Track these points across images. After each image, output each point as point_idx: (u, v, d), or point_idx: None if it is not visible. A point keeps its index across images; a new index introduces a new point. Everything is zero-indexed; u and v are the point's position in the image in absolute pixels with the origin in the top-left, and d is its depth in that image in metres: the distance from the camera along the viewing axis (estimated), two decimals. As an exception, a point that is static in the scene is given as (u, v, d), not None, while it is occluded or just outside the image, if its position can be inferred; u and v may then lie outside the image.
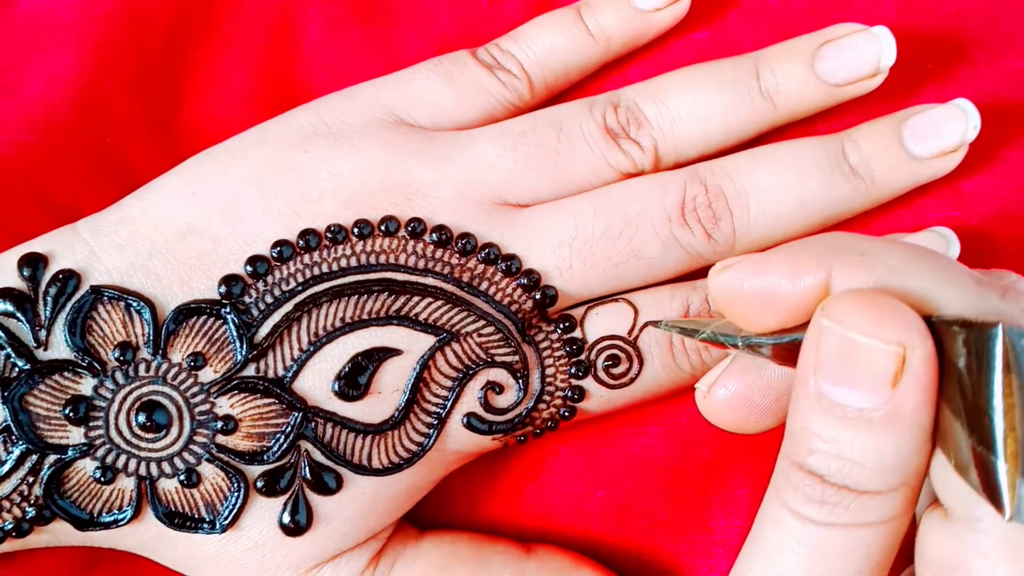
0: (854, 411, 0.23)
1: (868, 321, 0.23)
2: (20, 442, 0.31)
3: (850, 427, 0.24)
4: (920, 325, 0.23)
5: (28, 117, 0.38)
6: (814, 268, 0.25)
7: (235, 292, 0.32)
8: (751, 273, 0.26)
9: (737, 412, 0.30)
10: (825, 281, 0.25)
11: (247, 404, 0.32)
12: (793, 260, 0.26)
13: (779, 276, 0.26)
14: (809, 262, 0.25)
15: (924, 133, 0.35)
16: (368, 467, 0.32)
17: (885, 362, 0.23)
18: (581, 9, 0.38)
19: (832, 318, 0.24)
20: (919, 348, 0.23)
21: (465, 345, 0.33)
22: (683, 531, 0.38)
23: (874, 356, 0.23)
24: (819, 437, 0.24)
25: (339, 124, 0.35)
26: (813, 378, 0.24)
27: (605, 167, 0.35)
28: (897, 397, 0.23)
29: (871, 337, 0.23)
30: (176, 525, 0.32)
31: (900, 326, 0.23)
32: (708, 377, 0.31)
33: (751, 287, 0.26)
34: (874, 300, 0.23)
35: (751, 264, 0.26)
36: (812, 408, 0.24)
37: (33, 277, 0.32)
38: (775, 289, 0.26)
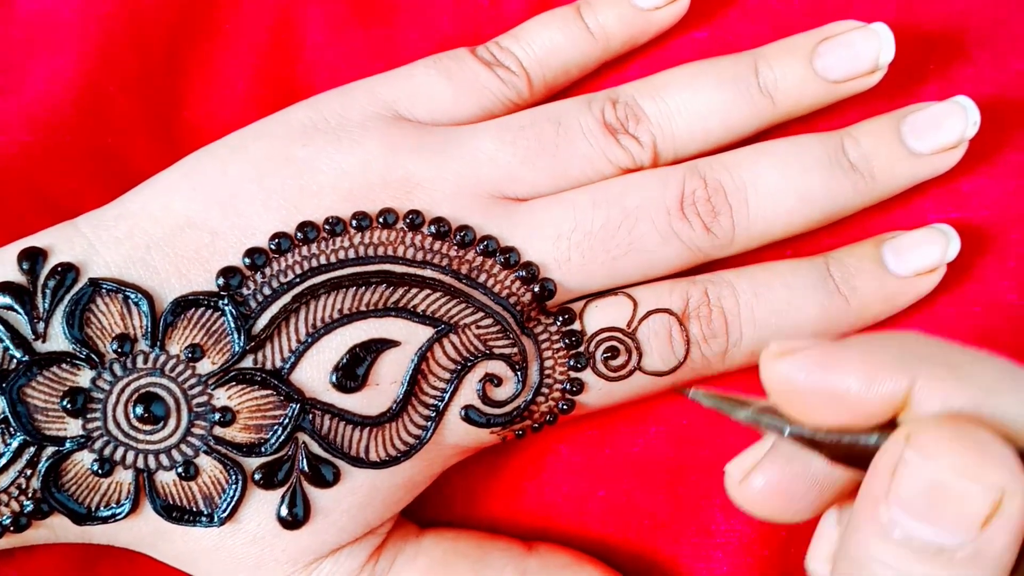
0: (934, 547, 0.22)
1: (965, 461, 0.21)
2: (18, 434, 0.30)
3: (926, 562, 0.22)
4: (1016, 465, 0.21)
5: (29, 117, 0.38)
6: (895, 374, 0.23)
7: (233, 284, 0.32)
8: (817, 369, 0.24)
9: (775, 504, 0.28)
10: (907, 389, 0.23)
11: (245, 396, 0.32)
12: (870, 361, 0.23)
13: (851, 377, 0.23)
14: (889, 366, 0.23)
15: (923, 129, 0.35)
16: (366, 460, 0.32)
17: (979, 506, 0.21)
18: (581, 8, 0.38)
19: (923, 453, 0.22)
20: (1018, 494, 0.21)
21: (463, 337, 0.33)
22: (683, 533, 0.37)
23: (967, 499, 0.21)
24: (888, 567, 0.22)
25: (338, 119, 0.35)
26: (885, 505, 0.22)
27: (604, 162, 0.35)
28: (985, 538, 0.21)
29: (968, 479, 0.21)
30: (174, 519, 0.32)
31: (1000, 469, 0.21)
32: (742, 461, 0.29)
33: (815, 384, 0.24)
34: (970, 436, 0.22)
35: (817, 358, 0.24)
36: (882, 538, 0.22)
37: (32, 270, 0.32)
38: (846, 390, 0.24)
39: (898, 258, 0.35)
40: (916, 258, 0.35)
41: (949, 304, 0.37)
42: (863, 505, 0.23)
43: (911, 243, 0.36)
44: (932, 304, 0.37)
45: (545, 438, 0.38)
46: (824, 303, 0.35)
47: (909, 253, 0.35)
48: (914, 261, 0.35)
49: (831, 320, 0.35)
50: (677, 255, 0.35)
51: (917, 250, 0.35)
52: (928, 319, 0.37)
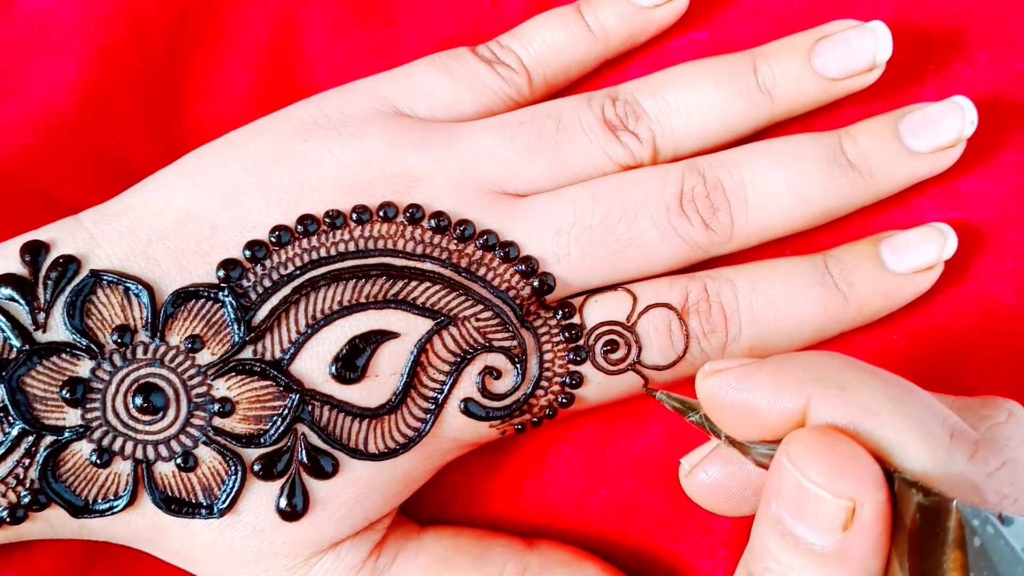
0: (806, 543, 0.24)
1: (822, 470, 0.23)
2: (16, 423, 0.31)
3: (802, 556, 0.24)
4: (875, 479, 0.23)
5: (31, 119, 0.39)
6: (794, 392, 0.25)
7: (233, 276, 0.32)
8: (735, 385, 0.27)
9: (715, 497, 0.31)
10: (803, 407, 0.25)
11: (244, 386, 0.32)
12: (775, 379, 0.26)
13: (760, 393, 0.26)
14: (791, 384, 0.25)
15: (921, 128, 0.36)
16: (364, 451, 0.32)
17: (834, 512, 0.23)
18: (581, 7, 0.38)
19: (790, 459, 0.24)
20: (868, 504, 0.23)
21: (463, 329, 0.33)
22: (684, 530, 0.37)
23: (824, 504, 0.23)
24: (774, 558, 0.25)
25: (339, 115, 0.35)
26: (775, 502, 0.25)
27: (603, 159, 0.36)
28: (846, 541, 0.23)
29: (822, 488, 0.23)
30: (173, 511, 0.32)
31: (853, 479, 0.23)
32: (692, 456, 0.32)
33: (733, 399, 0.27)
34: (832, 448, 0.24)
35: (736, 375, 0.27)
36: (771, 530, 0.25)
37: (34, 263, 0.32)
38: (756, 404, 0.26)
39: (896, 256, 0.35)
40: (914, 256, 0.35)
41: (947, 304, 0.37)
42: (762, 500, 0.25)
43: (909, 241, 0.36)
44: (930, 304, 0.37)
45: (545, 437, 0.38)
46: (822, 299, 0.35)
47: (907, 251, 0.35)
48: (912, 258, 0.35)
49: (829, 316, 0.35)
50: (676, 251, 0.35)
51: (915, 248, 0.35)
52: (926, 319, 0.37)
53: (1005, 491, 0.24)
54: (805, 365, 0.26)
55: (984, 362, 0.37)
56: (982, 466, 0.24)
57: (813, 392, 0.25)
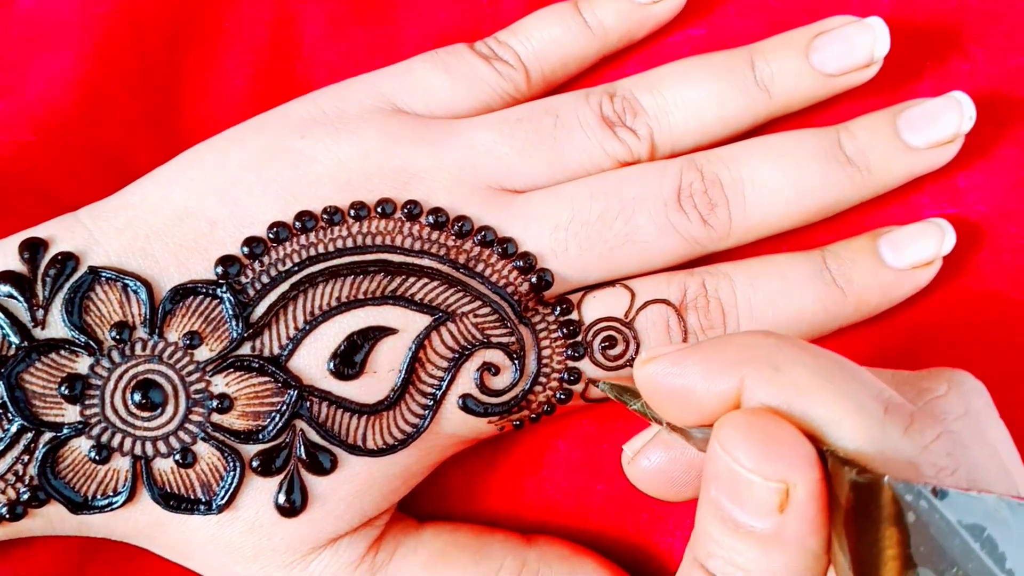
0: (745, 526, 0.24)
1: (752, 455, 0.23)
2: (16, 419, 0.31)
3: (743, 539, 0.24)
4: (807, 458, 0.23)
5: (30, 117, 0.39)
6: (727, 374, 0.25)
7: (232, 272, 0.32)
8: (670, 370, 0.26)
9: (658, 483, 0.31)
10: (737, 388, 0.25)
11: (242, 382, 0.32)
12: (708, 362, 0.26)
13: (695, 377, 0.26)
14: (723, 367, 0.25)
15: (919, 123, 0.36)
16: (363, 448, 0.32)
17: (768, 495, 0.23)
18: (579, 3, 0.38)
19: (722, 445, 0.24)
20: (801, 485, 0.23)
21: (461, 325, 0.33)
22: (681, 525, 0.37)
23: (757, 487, 0.23)
24: (717, 543, 0.25)
25: (336, 112, 0.35)
26: (713, 487, 0.25)
27: (601, 154, 0.36)
28: (783, 522, 0.23)
29: (753, 472, 0.23)
30: (172, 507, 0.32)
31: (783, 461, 0.23)
32: (634, 442, 0.32)
33: (669, 384, 0.26)
34: (761, 430, 0.24)
35: (672, 360, 0.26)
36: (711, 514, 0.25)
37: (33, 259, 0.32)
38: (691, 388, 0.26)
39: (894, 251, 0.35)
40: (912, 251, 0.35)
41: (945, 299, 0.37)
42: (702, 485, 0.25)
43: (907, 236, 0.36)
44: (928, 299, 0.37)
45: (544, 434, 0.38)
46: (820, 295, 0.35)
47: (905, 246, 0.35)
48: (910, 254, 0.35)
49: (828, 311, 0.35)
50: (674, 247, 0.35)
51: (913, 243, 0.35)
52: (924, 314, 0.37)
53: (941, 463, 0.23)
54: (738, 346, 0.26)
55: (983, 356, 0.37)
56: (917, 438, 0.24)
57: (746, 373, 0.25)
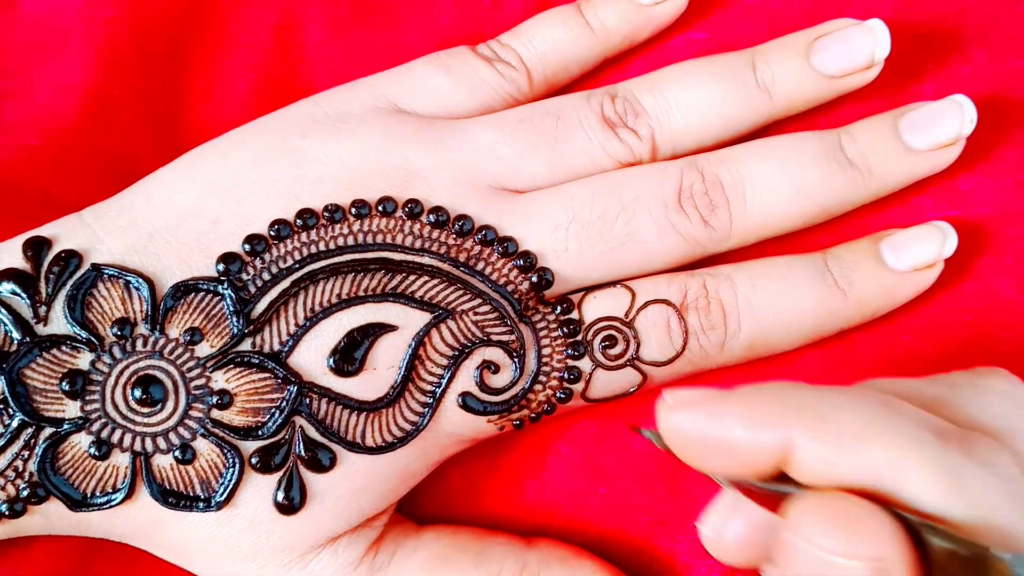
0: None
1: (838, 538, 0.22)
2: (16, 414, 0.31)
3: None
4: (893, 532, 0.22)
5: (35, 122, 0.39)
6: (772, 425, 0.24)
7: (233, 269, 0.32)
8: (705, 419, 0.25)
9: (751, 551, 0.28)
10: (785, 440, 0.24)
11: (242, 379, 0.32)
12: (750, 412, 0.24)
13: (735, 426, 0.24)
14: (767, 418, 0.24)
15: (921, 126, 0.36)
16: (362, 445, 0.32)
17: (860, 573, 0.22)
18: (582, 5, 0.38)
19: (800, 536, 0.22)
20: (895, 558, 0.22)
21: (461, 323, 0.33)
22: (682, 529, 0.37)
23: (846, 570, 0.22)
24: None
25: (338, 112, 0.35)
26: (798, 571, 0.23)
27: (602, 155, 0.36)
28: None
29: (844, 556, 0.22)
30: (171, 504, 0.32)
31: (872, 539, 0.22)
32: (711, 517, 0.29)
33: (704, 434, 0.25)
34: (841, 512, 0.22)
35: (706, 408, 0.25)
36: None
37: (36, 257, 0.32)
38: (731, 441, 0.24)
39: (895, 253, 0.35)
40: (913, 253, 0.35)
41: (947, 302, 0.37)
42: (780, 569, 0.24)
43: (908, 239, 0.36)
44: (930, 302, 0.37)
45: (544, 436, 0.38)
46: (822, 296, 0.35)
47: (906, 248, 0.35)
48: (911, 256, 0.35)
49: (829, 313, 0.35)
50: (675, 248, 0.35)
51: (914, 245, 0.35)
52: (927, 317, 0.37)
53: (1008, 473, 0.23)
54: (777, 396, 0.25)
55: (985, 358, 0.36)
56: (978, 458, 0.23)
57: (793, 424, 0.24)
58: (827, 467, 0.23)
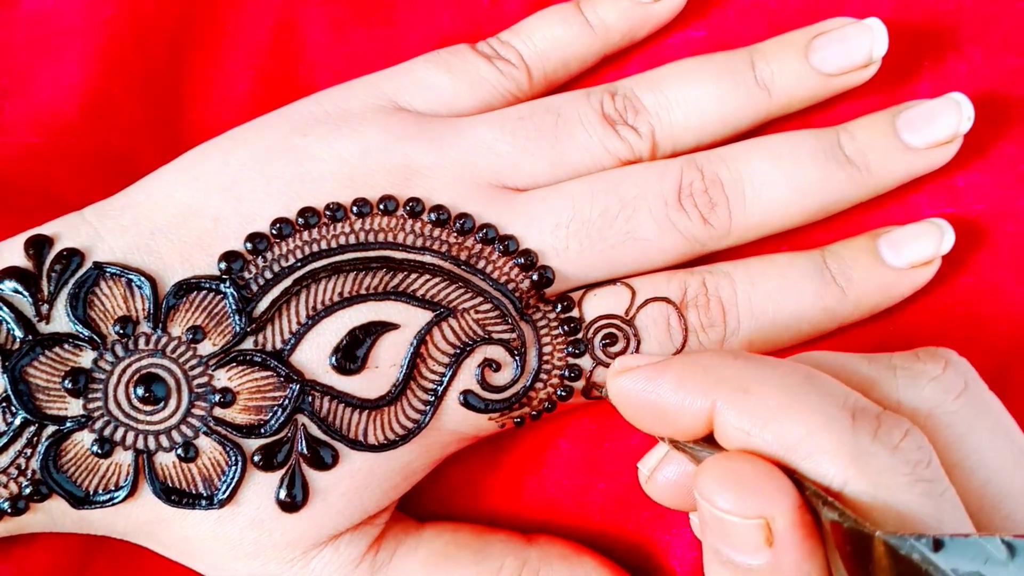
0: (744, 566, 0.24)
1: (727, 497, 0.24)
2: (19, 412, 0.31)
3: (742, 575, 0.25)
4: (781, 491, 0.24)
5: (35, 120, 0.39)
6: (699, 394, 0.26)
7: (235, 268, 0.32)
8: (643, 385, 0.27)
9: (678, 496, 0.31)
10: (709, 409, 0.26)
11: (245, 377, 0.32)
12: (681, 381, 0.26)
13: (668, 394, 0.27)
14: (695, 387, 0.26)
15: (918, 124, 0.36)
16: (364, 443, 0.32)
17: (752, 533, 0.24)
18: (581, 3, 0.38)
19: (700, 494, 0.25)
20: (779, 516, 0.23)
21: (462, 321, 0.33)
22: (680, 523, 0.37)
23: (740, 529, 0.24)
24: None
25: (338, 110, 0.36)
26: (707, 533, 0.25)
27: (602, 153, 0.36)
28: (776, 556, 0.24)
29: (731, 514, 0.24)
30: (173, 501, 0.32)
31: (760, 496, 0.24)
32: (648, 460, 0.32)
33: (642, 397, 0.27)
34: (734, 472, 0.24)
35: (645, 373, 0.27)
36: (712, 559, 0.25)
37: (38, 256, 0.32)
38: (664, 404, 0.27)
39: (893, 251, 0.36)
40: (911, 250, 0.36)
41: (945, 297, 0.37)
42: (701, 533, 0.26)
43: (906, 236, 0.36)
44: (928, 297, 0.37)
45: (544, 432, 0.38)
46: (820, 293, 0.35)
47: (904, 246, 0.36)
48: (909, 253, 0.36)
49: (827, 310, 0.35)
50: (674, 246, 0.35)
51: (912, 243, 0.36)
52: (924, 311, 0.37)
53: (915, 457, 0.24)
54: (707, 367, 0.26)
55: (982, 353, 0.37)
56: (886, 440, 0.24)
57: (717, 395, 0.26)
58: (744, 436, 0.25)
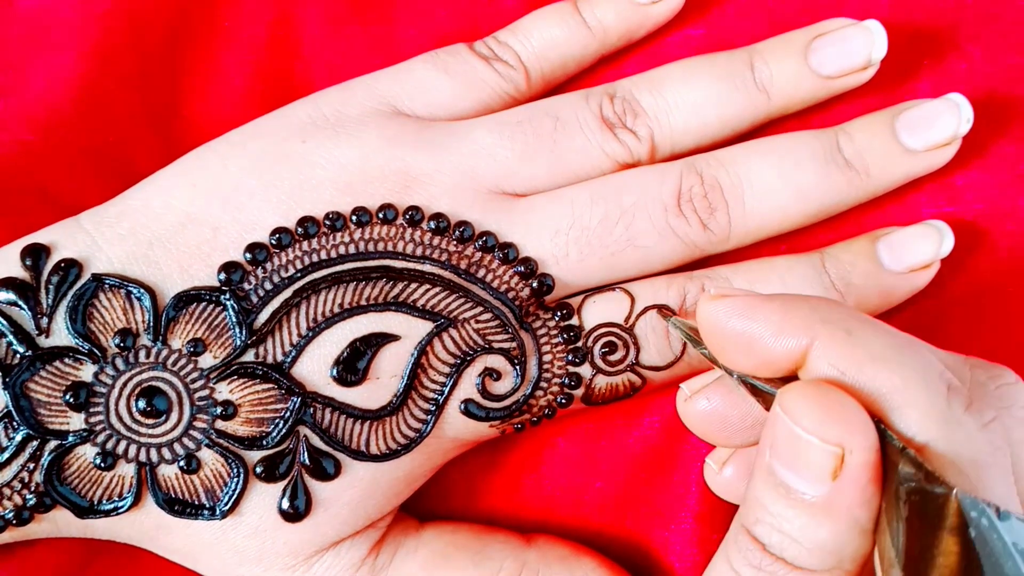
0: (797, 493, 0.24)
1: (813, 418, 0.24)
2: (21, 428, 0.31)
3: (793, 506, 0.24)
4: (865, 427, 0.24)
5: (30, 116, 0.39)
6: (799, 331, 0.26)
7: (234, 279, 0.32)
8: (740, 313, 0.27)
9: (712, 425, 0.31)
10: (806, 347, 0.25)
11: (246, 389, 0.32)
12: (783, 316, 0.26)
13: (765, 327, 0.26)
14: (796, 323, 0.26)
15: (917, 126, 0.36)
16: (366, 453, 0.33)
17: (824, 459, 0.24)
18: (579, 3, 0.38)
19: (784, 408, 0.24)
20: (857, 452, 0.23)
21: (463, 331, 0.33)
22: (678, 520, 0.38)
23: (814, 452, 0.24)
24: (766, 509, 0.25)
25: (337, 115, 0.35)
26: (768, 453, 0.25)
27: (602, 156, 0.36)
28: (835, 490, 0.24)
29: (812, 434, 0.24)
30: (176, 512, 0.32)
31: (843, 426, 0.23)
32: (694, 382, 0.32)
33: (736, 328, 0.27)
34: (824, 396, 0.24)
35: (743, 304, 0.27)
36: (764, 481, 0.25)
37: (35, 266, 0.32)
38: (758, 338, 0.26)
39: (893, 254, 0.36)
40: (910, 254, 0.36)
41: (943, 297, 0.38)
42: (758, 452, 0.26)
43: (905, 239, 0.36)
44: (926, 297, 0.37)
45: (542, 432, 0.38)
46: None
47: (904, 249, 0.36)
48: (908, 257, 0.36)
49: None
50: (674, 251, 0.35)
51: (911, 246, 0.36)
52: (922, 312, 0.38)
53: (998, 442, 0.24)
54: (813, 306, 0.26)
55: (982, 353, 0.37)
56: (977, 417, 0.24)
57: (819, 333, 0.25)
58: (838, 376, 0.25)
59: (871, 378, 0.24)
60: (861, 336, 0.25)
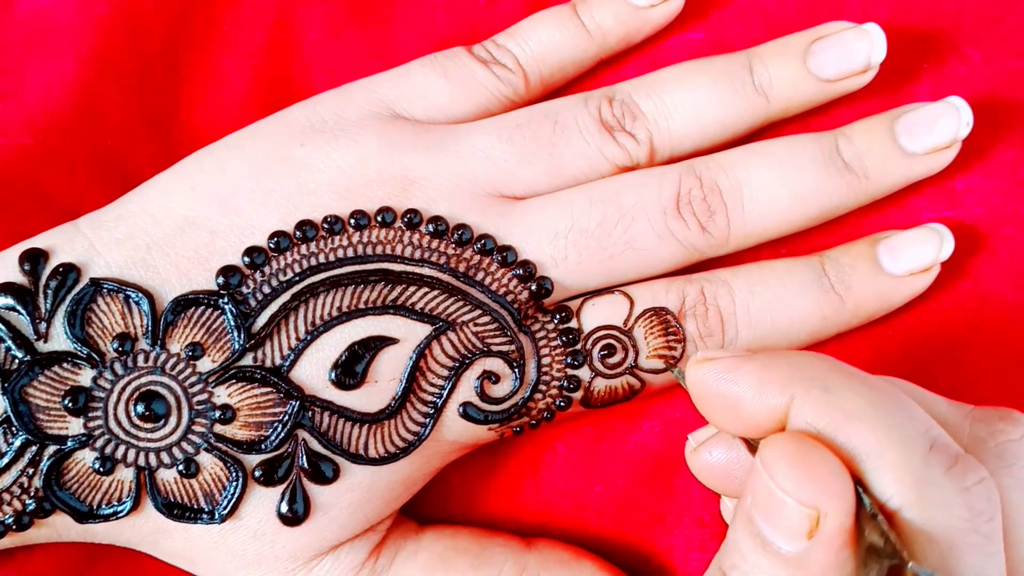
0: (773, 546, 0.24)
1: (790, 477, 0.24)
2: (20, 433, 0.31)
3: (769, 558, 0.24)
4: (843, 492, 0.23)
5: (28, 120, 0.39)
6: (778, 389, 0.26)
7: (233, 283, 0.32)
8: (722, 376, 0.27)
9: (717, 478, 0.31)
10: (786, 405, 0.25)
11: (245, 393, 0.32)
12: (762, 374, 0.26)
13: (747, 387, 0.26)
14: (775, 381, 0.26)
15: (917, 129, 0.36)
16: (365, 456, 0.33)
17: (799, 519, 0.24)
18: (577, 6, 0.38)
19: (763, 464, 0.24)
20: (832, 516, 0.23)
21: (461, 334, 0.33)
22: (678, 524, 0.38)
23: (789, 511, 0.24)
24: (744, 557, 0.25)
25: (335, 118, 0.35)
26: (750, 500, 0.25)
27: (600, 159, 0.36)
28: (809, 549, 0.24)
29: (788, 494, 0.24)
30: (175, 516, 0.32)
31: (820, 488, 0.23)
32: (700, 434, 0.32)
33: (719, 390, 0.27)
34: (803, 454, 0.24)
35: (726, 365, 0.27)
36: (744, 528, 0.25)
37: (33, 271, 0.32)
38: (741, 398, 0.26)
39: (892, 257, 0.36)
40: (910, 257, 0.36)
41: (943, 301, 0.38)
42: (741, 498, 0.26)
43: (905, 242, 0.36)
44: (926, 301, 0.37)
45: (541, 436, 0.38)
46: (819, 301, 0.35)
47: (903, 252, 0.36)
48: (908, 260, 0.36)
49: (826, 318, 0.35)
50: (673, 254, 0.35)
51: (911, 249, 0.36)
52: (922, 316, 0.37)
53: (980, 507, 0.24)
54: (792, 363, 0.26)
55: (980, 357, 0.37)
56: (958, 480, 0.24)
57: (796, 391, 0.25)
58: (816, 433, 0.25)
59: (847, 437, 0.24)
60: (839, 393, 0.25)
